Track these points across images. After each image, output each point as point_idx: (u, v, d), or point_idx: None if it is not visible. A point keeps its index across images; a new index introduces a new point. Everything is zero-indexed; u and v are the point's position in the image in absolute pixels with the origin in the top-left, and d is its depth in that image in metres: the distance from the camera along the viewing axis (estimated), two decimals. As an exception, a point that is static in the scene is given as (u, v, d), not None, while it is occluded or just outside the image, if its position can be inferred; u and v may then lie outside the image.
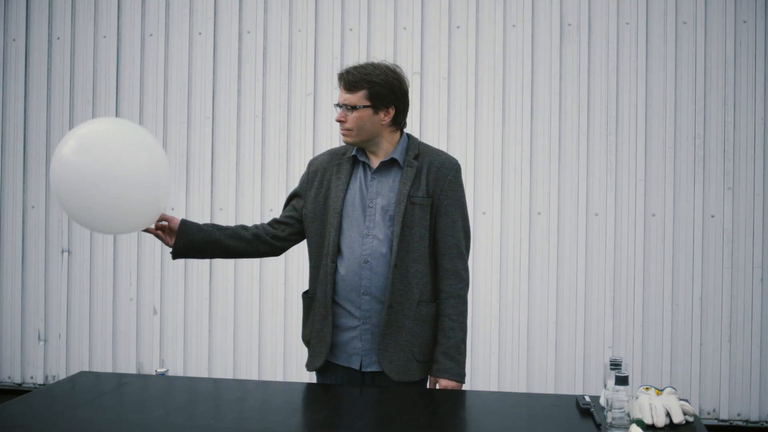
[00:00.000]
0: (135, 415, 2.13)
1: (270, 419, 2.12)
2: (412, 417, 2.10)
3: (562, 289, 4.46)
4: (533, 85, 4.50)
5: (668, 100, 4.39)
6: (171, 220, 2.45)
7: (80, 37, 4.91)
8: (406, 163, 2.45)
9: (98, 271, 4.87)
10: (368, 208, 2.42)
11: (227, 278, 4.72)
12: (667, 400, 2.00)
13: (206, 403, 2.27)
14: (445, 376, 2.40)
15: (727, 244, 4.34)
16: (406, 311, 2.41)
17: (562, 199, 4.47)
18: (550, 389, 4.42)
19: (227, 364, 4.71)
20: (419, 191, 2.42)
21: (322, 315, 2.46)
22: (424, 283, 2.44)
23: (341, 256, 2.42)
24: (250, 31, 4.76)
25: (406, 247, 2.40)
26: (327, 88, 4.67)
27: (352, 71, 2.43)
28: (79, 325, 4.88)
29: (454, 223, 2.46)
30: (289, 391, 2.49)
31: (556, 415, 2.11)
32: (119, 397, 2.31)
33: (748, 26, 4.34)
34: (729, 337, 4.33)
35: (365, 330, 2.42)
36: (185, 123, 4.79)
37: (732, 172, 4.35)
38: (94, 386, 2.44)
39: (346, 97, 2.41)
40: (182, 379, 2.94)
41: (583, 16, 4.46)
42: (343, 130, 2.43)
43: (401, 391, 2.35)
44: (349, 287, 2.42)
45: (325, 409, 2.23)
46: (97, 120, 2.66)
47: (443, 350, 2.42)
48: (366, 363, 2.43)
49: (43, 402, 2.24)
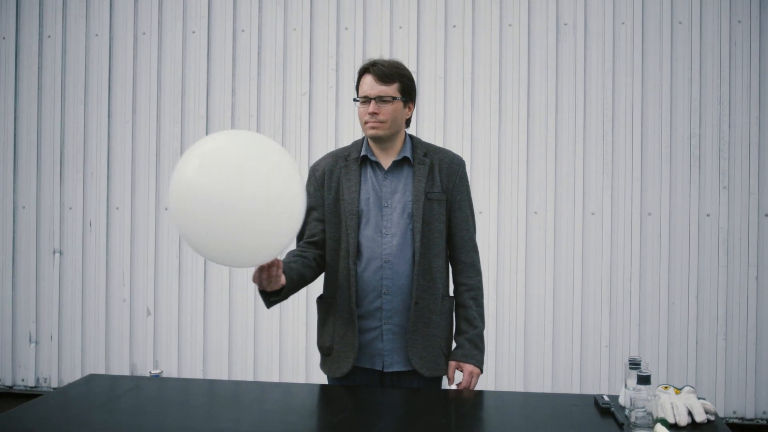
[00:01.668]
0: (152, 418, 2.08)
1: (290, 421, 2.09)
2: (433, 418, 2.09)
3: (559, 289, 4.46)
4: (529, 84, 4.50)
5: (664, 99, 4.40)
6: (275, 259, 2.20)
7: (72, 36, 4.86)
8: (417, 160, 2.44)
9: (90, 272, 4.82)
10: (384, 208, 2.40)
11: (222, 279, 4.69)
12: (688, 399, 2.00)
13: (225, 405, 2.21)
14: (471, 361, 2.41)
15: (723, 242, 4.36)
16: (432, 306, 2.42)
17: (558, 199, 4.47)
18: (546, 388, 4.42)
19: (222, 365, 4.67)
20: (435, 187, 2.43)
21: (345, 319, 2.42)
22: (445, 277, 2.48)
23: (360, 258, 2.40)
24: (245, 29, 4.73)
25: (427, 243, 2.40)
26: (322, 88, 4.64)
27: (384, 64, 2.40)
28: (71, 326, 4.83)
29: (467, 217, 2.50)
30: (309, 393, 2.44)
31: (577, 415, 2.10)
32: (134, 400, 2.26)
33: (742, 26, 4.37)
34: (725, 335, 4.35)
35: (387, 330, 2.41)
36: (179, 122, 4.75)
37: (727, 171, 4.37)
38: (109, 389, 2.38)
39: (382, 89, 2.37)
40: (198, 382, 2.89)
41: (579, 16, 4.47)
42: (375, 122, 2.38)
43: (422, 392, 2.34)
44: (369, 288, 2.40)
45: (345, 410, 2.19)
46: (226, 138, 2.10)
47: (468, 338, 2.43)
48: (388, 363, 2.42)
49: (56, 406, 2.19)
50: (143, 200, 4.77)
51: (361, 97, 2.40)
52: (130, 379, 2.52)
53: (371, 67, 2.40)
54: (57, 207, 4.85)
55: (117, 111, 4.81)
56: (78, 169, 4.83)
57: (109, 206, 4.81)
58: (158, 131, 4.77)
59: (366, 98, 2.38)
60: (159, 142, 4.77)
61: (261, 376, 4.63)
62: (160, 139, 4.77)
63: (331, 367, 2.46)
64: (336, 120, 4.62)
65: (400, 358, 2.41)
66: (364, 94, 2.39)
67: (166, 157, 4.75)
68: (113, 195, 4.81)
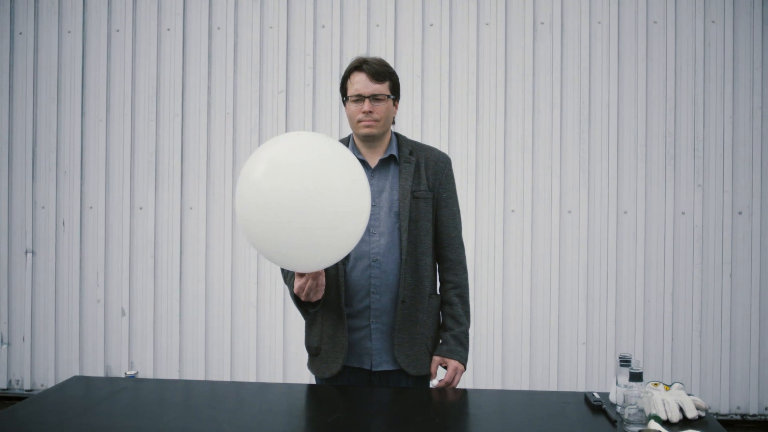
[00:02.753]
0: (147, 420, 2.05)
1: (288, 422, 2.09)
2: (427, 417, 2.08)
3: (536, 286, 4.48)
4: (506, 83, 4.51)
5: (639, 98, 4.44)
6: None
7: (44, 33, 4.78)
8: (403, 159, 2.44)
9: (64, 273, 4.75)
10: (372, 207, 2.37)
11: (198, 279, 4.64)
12: (679, 395, 2.02)
13: (222, 406, 2.19)
14: (455, 357, 2.41)
15: (698, 240, 4.41)
16: (419, 305, 2.42)
17: (535, 197, 4.49)
18: (524, 385, 4.43)
19: (198, 365, 4.63)
20: (421, 185, 2.43)
21: (334, 319, 2.40)
22: (433, 275, 2.48)
23: (348, 257, 2.38)
24: (221, 27, 4.69)
25: (414, 241, 2.40)
26: (299, 86, 4.62)
27: (375, 62, 2.38)
28: (44, 327, 4.75)
29: (454, 215, 2.50)
30: (296, 393, 2.42)
31: (569, 413, 2.11)
32: (131, 401, 2.23)
33: (716, 26, 4.42)
34: (699, 331, 4.40)
35: (375, 329, 2.40)
36: (154, 120, 4.70)
37: (702, 169, 4.42)
38: (97, 390, 2.34)
39: (376, 87, 2.36)
40: (197, 383, 2.85)
41: (556, 15, 4.49)
42: (369, 121, 2.36)
43: (414, 391, 2.34)
44: (357, 287, 2.38)
45: (339, 410, 2.16)
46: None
47: (454, 335, 2.43)
48: (377, 362, 2.40)
49: (42, 409, 2.15)
50: (117, 199, 4.72)
51: (353, 95, 2.37)
52: (122, 380, 2.47)
53: (363, 65, 2.37)
54: (29, 206, 4.77)
55: (90, 109, 4.75)
56: (51, 168, 4.75)
57: (83, 205, 4.75)
58: (132, 130, 4.72)
59: (360, 97, 2.36)
60: (133, 141, 4.71)
61: (238, 376, 4.60)
62: (135, 137, 4.72)
63: (320, 367, 2.44)
64: (313, 118, 4.60)
65: (388, 357, 2.40)
66: (357, 92, 2.36)
67: (140, 155, 4.70)
68: (87, 194, 4.74)
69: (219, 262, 4.63)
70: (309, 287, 2.20)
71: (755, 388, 4.39)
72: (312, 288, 2.21)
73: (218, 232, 4.65)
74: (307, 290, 2.21)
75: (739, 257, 4.41)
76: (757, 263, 4.39)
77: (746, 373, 4.40)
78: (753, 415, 4.39)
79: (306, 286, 2.20)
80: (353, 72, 2.38)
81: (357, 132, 2.41)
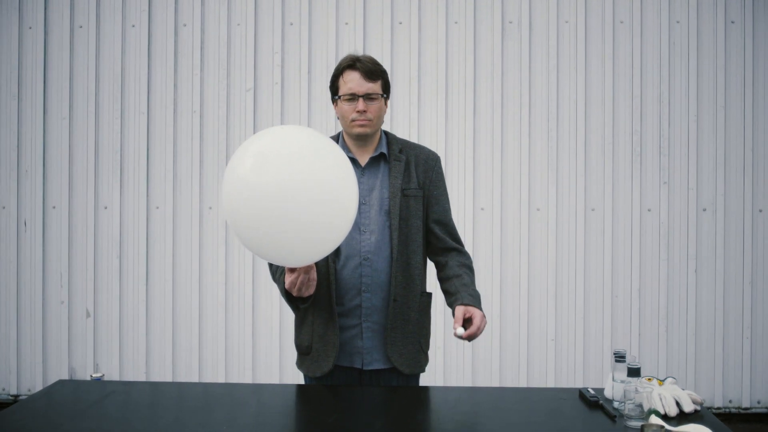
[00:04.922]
0: (141, 424, 2.03)
1: (285, 423, 2.08)
2: (425, 416, 2.09)
3: (506, 283, 4.51)
4: (476, 81, 4.53)
5: (606, 96, 4.50)
6: None
7: (4, 29, 4.66)
8: (393, 157, 2.43)
9: (26, 274, 4.64)
10: (362, 205, 2.36)
11: (165, 279, 4.58)
12: (674, 390, 2.06)
13: (219, 407, 2.16)
14: (479, 307, 2.32)
15: (664, 236, 4.48)
16: (410, 303, 2.41)
17: (504, 195, 4.52)
18: (494, 382, 4.45)
19: (165, 367, 4.56)
20: (411, 183, 2.42)
21: (325, 318, 2.38)
22: (423, 273, 2.48)
23: (339, 255, 2.36)
24: (187, 24, 4.63)
25: (405, 239, 2.39)
26: (267, 84, 4.58)
27: (368, 60, 2.37)
28: (5, 330, 4.64)
29: (446, 211, 2.50)
30: (290, 393, 2.39)
31: (566, 409, 2.13)
32: (125, 405, 2.19)
33: (681, 27, 4.49)
34: (666, 327, 4.46)
35: (366, 327, 2.38)
36: (119, 118, 4.62)
37: (667, 167, 4.49)
38: (85, 394, 2.30)
39: (370, 86, 2.33)
40: (191, 385, 2.81)
41: (524, 14, 4.52)
42: (363, 120, 2.34)
43: (408, 390, 2.35)
44: (348, 286, 2.37)
45: (335, 411, 2.14)
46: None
47: (470, 293, 2.36)
48: (368, 361, 2.39)
49: (32, 414, 2.10)
50: (81, 199, 4.62)
51: (346, 94, 2.34)
52: (111, 384, 2.43)
53: (356, 63, 2.35)
54: (-11, 206, 4.66)
55: (53, 107, 4.64)
56: (12, 167, 4.64)
57: (46, 205, 4.64)
58: (97, 128, 4.63)
59: (353, 96, 2.33)
60: (98, 139, 4.63)
61: (206, 377, 4.55)
62: (99, 135, 4.63)
63: (311, 367, 2.42)
64: (282, 116, 4.57)
65: (379, 356, 2.39)
66: (351, 91, 2.33)
67: (105, 154, 4.61)
68: (50, 194, 4.64)
69: (186, 262, 4.57)
70: (301, 282, 2.18)
71: (719, 384, 4.48)
72: (304, 283, 2.19)
73: (185, 232, 4.58)
74: (299, 285, 2.18)
75: (703, 253, 4.49)
76: (721, 260, 4.47)
77: (710, 370, 4.48)
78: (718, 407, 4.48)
79: (298, 282, 2.18)
80: (346, 70, 2.36)
81: (350, 131, 2.38)
